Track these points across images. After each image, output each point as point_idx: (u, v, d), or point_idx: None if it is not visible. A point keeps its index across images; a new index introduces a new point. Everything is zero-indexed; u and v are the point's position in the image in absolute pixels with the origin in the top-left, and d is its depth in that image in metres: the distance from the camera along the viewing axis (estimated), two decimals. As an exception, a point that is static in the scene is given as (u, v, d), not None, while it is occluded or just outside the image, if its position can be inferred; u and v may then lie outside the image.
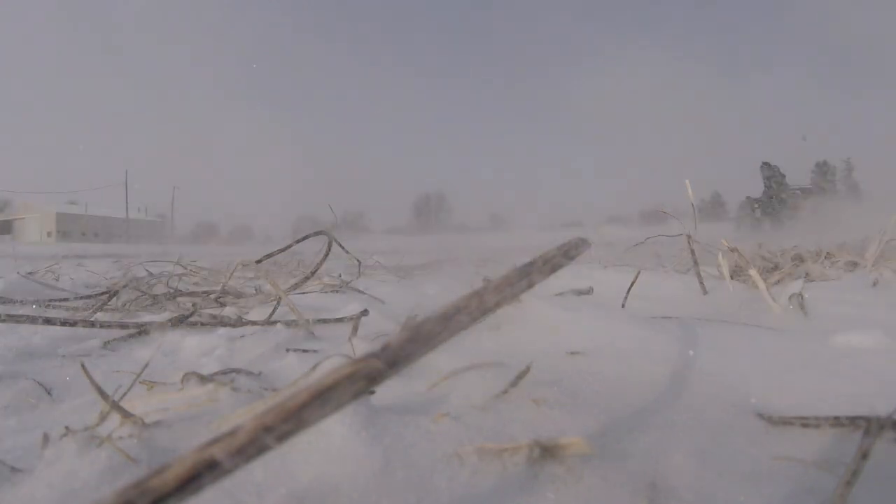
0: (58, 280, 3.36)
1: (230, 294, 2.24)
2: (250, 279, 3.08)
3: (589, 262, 3.25)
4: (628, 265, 2.91)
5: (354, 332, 1.42)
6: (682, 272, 2.48)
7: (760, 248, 2.66)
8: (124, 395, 0.75)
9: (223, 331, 1.51)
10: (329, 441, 0.63)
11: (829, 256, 2.71)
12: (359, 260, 3.46)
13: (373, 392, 0.74)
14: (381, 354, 0.35)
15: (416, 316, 1.26)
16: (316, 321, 1.59)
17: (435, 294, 2.59)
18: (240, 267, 2.97)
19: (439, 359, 1.01)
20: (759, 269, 2.20)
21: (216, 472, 0.30)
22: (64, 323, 1.47)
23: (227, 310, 1.91)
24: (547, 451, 0.58)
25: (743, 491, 0.54)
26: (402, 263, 4.64)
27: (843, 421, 0.65)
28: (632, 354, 1.01)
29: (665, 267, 2.78)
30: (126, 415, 0.70)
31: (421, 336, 0.37)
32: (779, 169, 22.41)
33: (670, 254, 4.04)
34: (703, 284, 2.01)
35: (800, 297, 1.63)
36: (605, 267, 2.80)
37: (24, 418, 0.91)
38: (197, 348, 1.34)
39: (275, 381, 1.03)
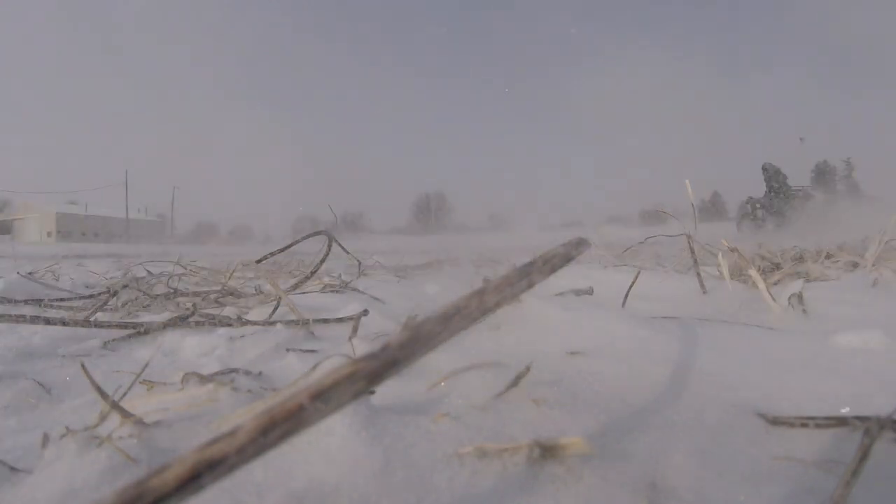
0: (58, 280, 3.36)
1: (230, 294, 2.24)
2: (250, 279, 3.08)
3: (589, 262, 3.25)
4: (628, 265, 2.91)
5: (354, 332, 1.42)
6: (682, 272, 2.48)
7: (760, 248, 2.66)
8: (124, 395, 0.75)
9: (223, 331, 1.51)
10: (329, 441, 0.63)
11: (829, 256, 2.71)
12: (359, 260, 3.46)
13: (373, 392, 0.74)
14: (381, 354, 0.35)
15: (416, 316, 1.26)
16: (316, 321, 1.59)
17: (435, 294, 2.58)
18: (240, 267, 2.97)
19: (439, 359, 1.01)
20: (759, 269, 2.20)
21: (216, 472, 0.30)
22: (64, 323, 1.47)
23: (227, 310, 1.91)
24: (547, 451, 0.58)
25: (743, 491, 0.54)
26: (402, 263, 4.64)
27: (843, 421, 0.65)
28: (632, 354, 1.01)
29: (665, 267, 2.78)
30: (126, 415, 0.70)
31: (421, 336, 0.37)
32: (780, 170, 22.39)
33: (670, 254, 4.04)
34: (703, 284, 2.01)
35: (800, 297, 1.63)
36: (605, 267, 2.80)
37: (24, 418, 0.91)
38: (197, 348, 1.34)
39: (275, 381, 1.03)
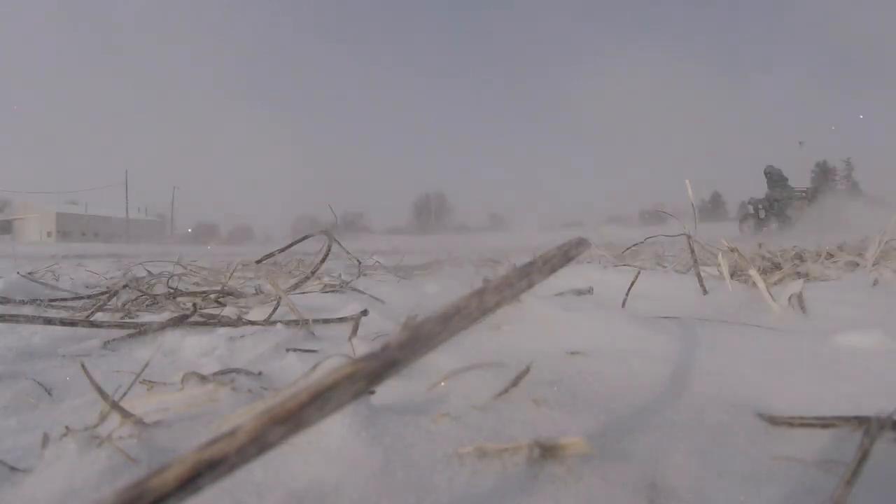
0: (58, 280, 3.36)
1: (230, 294, 2.24)
2: (250, 279, 3.08)
3: (589, 262, 3.25)
4: (628, 265, 2.91)
5: (354, 332, 1.42)
6: (682, 272, 2.48)
7: (760, 248, 2.66)
8: (124, 395, 0.75)
9: (223, 331, 1.51)
10: (329, 441, 0.63)
11: (829, 256, 2.71)
12: (359, 260, 3.46)
13: (373, 392, 0.74)
14: (381, 354, 0.35)
15: (416, 316, 1.26)
16: (316, 321, 1.59)
17: (435, 294, 2.58)
18: (240, 267, 2.97)
19: (439, 359, 1.01)
20: (759, 269, 2.20)
21: (216, 472, 0.30)
22: (64, 323, 1.47)
23: (227, 310, 1.91)
24: (547, 451, 0.58)
25: (743, 491, 0.54)
26: (402, 263, 4.64)
27: (843, 421, 0.65)
28: (632, 354, 1.01)
29: (665, 267, 2.78)
30: (126, 415, 0.70)
31: (421, 336, 0.37)
32: (781, 171, 22.42)
33: (670, 254, 4.04)
34: (703, 284, 2.01)
35: (800, 297, 1.63)
36: (605, 267, 2.80)
37: (24, 418, 0.91)
38: (197, 348, 1.34)
39: (275, 381, 1.03)
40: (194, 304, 1.74)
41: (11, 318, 1.45)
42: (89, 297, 2.29)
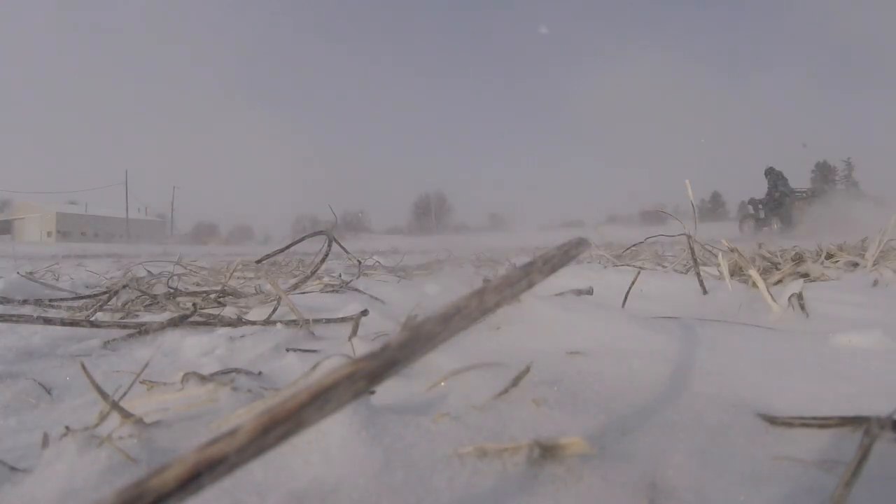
0: (58, 280, 3.36)
1: (230, 294, 2.24)
2: (250, 279, 3.08)
3: (589, 262, 3.25)
4: (628, 265, 2.91)
5: (354, 332, 1.42)
6: (682, 272, 2.48)
7: (760, 248, 2.66)
8: (124, 395, 0.75)
9: (223, 331, 1.51)
10: (329, 441, 0.63)
11: (829, 256, 2.71)
12: (359, 260, 3.46)
13: (373, 392, 0.74)
14: (381, 354, 0.35)
15: (416, 316, 1.26)
16: (316, 321, 1.59)
17: (435, 294, 2.58)
18: (240, 267, 2.97)
19: (439, 359, 1.01)
20: (759, 269, 2.20)
21: (216, 472, 0.30)
22: (64, 323, 1.47)
23: (227, 310, 1.91)
24: (547, 451, 0.58)
25: (743, 491, 0.54)
26: (402, 263, 4.64)
27: (843, 421, 0.65)
28: (632, 354, 1.01)
29: (665, 267, 2.78)
30: (126, 415, 0.69)
31: (421, 336, 0.37)
32: (782, 173, 22.47)
33: (670, 254, 4.04)
34: (703, 284, 2.01)
35: (800, 297, 1.63)
36: (605, 267, 2.80)
37: (24, 418, 0.91)
38: (197, 348, 1.34)
39: (275, 381, 1.03)
40: (194, 304, 1.74)
41: (11, 318, 1.45)
42: (89, 297, 2.29)
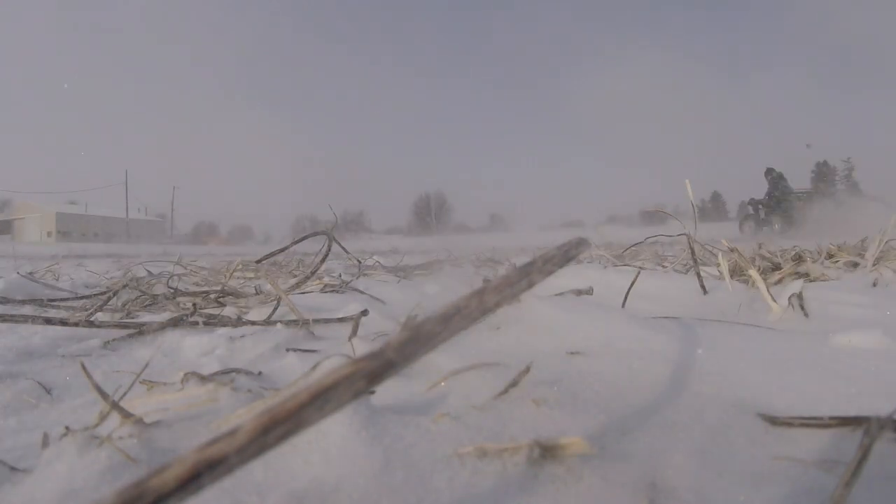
0: (58, 280, 3.36)
1: (230, 294, 2.24)
2: (250, 279, 3.08)
3: (589, 262, 3.25)
4: (628, 265, 2.91)
5: (354, 332, 1.42)
6: (682, 272, 2.47)
7: (760, 248, 2.66)
8: (124, 395, 0.75)
9: (223, 331, 1.51)
10: (329, 441, 0.63)
11: (829, 256, 2.71)
12: (359, 260, 3.46)
13: (373, 392, 0.74)
14: (381, 354, 0.35)
15: (416, 316, 1.26)
16: (316, 321, 1.59)
17: (435, 294, 2.58)
18: (240, 267, 2.97)
19: (439, 359, 1.01)
20: (759, 269, 2.20)
21: (216, 472, 0.30)
22: (64, 323, 1.47)
23: (226, 310, 1.91)
24: (547, 451, 0.58)
25: (743, 491, 0.54)
26: (402, 263, 4.64)
27: (843, 421, 0.65)
28: (632, 354, 1.01)
29: (665, 267, 2.78)
30: (126, 415, 0.69)
31: (421, 336, 0.37)
32: (782, 174, 22.48)
33: (670, 254, 4.04)
34: (703, 284, 2.01)
35: (800, 297, 1.63)
36: (605, 267, 2.80)
37: (24, 418, 0.91)
38: (197, 348, 1.34)
39: (275, 381, 1.03)
40: (194, 304, 1.75)
41: (11, 318, 1.45)
42: (89, 297, 2.29)
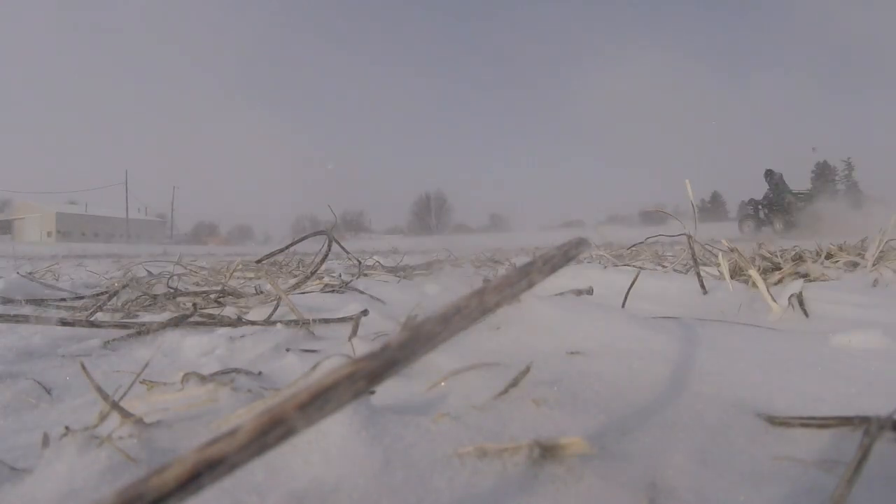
0: (58, 280, 3.36)
1: (230, 294, 2.24)
2: (250, 279, 3.08)
3: (589, 262, 3.25)
4: (628, 265, 2.91)
5: (354, 332, 1.42)
6: (682, 272, 2.48)
7: (760, 248, 2.66)
8: (124, 395, 0.75)
9: (223, 331, 1.51)
10: (329, 441, 0.63)
11: (829, 256, 2.71)
12: (359, 260, 3.46)
13: (373, 392, 0.74)
14: (381, 354, 0.35)
15: (416, 316, 1.26)
16: (316, 321, 1.59)
17: (435, 294, 2.58)
18: (240, 267, 2.97)
19: (439, 359, 1.01)
20: (759, 269, 2.20)
21: (216, 472, 0.30)
22: (64, 323, 1.47)
23: (227, 310, 1.91)
24: (547, 451, 0.58)
25: (743, 491, 0.54)
26: (402, 263, 4.64)
27: (843, 421, 0.65)
28: (632, 354, 1.01)
29: (665, 267, 2.78)
30: (126, 415, 0.69)
31: (421, 336, 0.37)
32: (781, 175, 22.52)
33: (670, 254, 4.04)
34: (703, 284, 2.01)
35: (800, 297, 1.63)
36: (605, 267, 2.80)
37: (24, 418, 0.91)
38: (197, 348, 1.34)
39: (275, 381, 1.03)
40: (194, 304, 1.74)
41: (11, 318, 1.45)
42: (89, 297, 2.29)
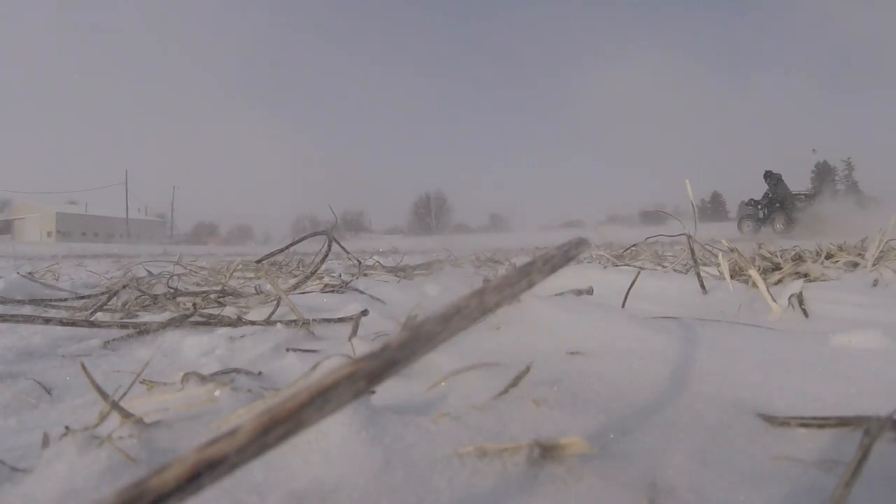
0: (58, 280, 3.36)
1: (230, 294, 2.24)
2: (250, 279, 3.08)
3: (589, 262, 3.25)
4: (628, 265, 2.91)
5: (354, 332, 1.42)
6: (682, 272, 2.47)
7: (760, 248, 2.66)
8: (124, 395, 0.75)
9: (223, 331, 1.51)
10: (329, 441, 0.63)
11: (829, 256, 2.71)
12: (359, 260, 3.46)
13: (373, 392, 0.74)
14: (381, 354, 0.35)
15: (416, 316, 1.26)
16: (316, 321, 1.59)
17: (435, 294, 2.58)
18: (240, 267, 2.97)
19: (439, 359, 1.01)
20: (759, 269, 2.20)
21: (216, 472, 0.30)
22: (64, 323, 1.47)
23: (227, 310, 1.91)
24: (547, 451, 0.58)
25: (743, 491, 0.54)
26: (402, 263, 4.64)
27: (843, 421, 0.65)
28: (632, 354, 1.01)
29: (665, 267, 2.78)
30: (126, 415, 0.69)
31: (421, 336, 0.37)
32: (781, 176, 22.56)
33: (670, 254, 4.04)
34: (703, 284, 2.01)
35: (800, 297, 1.63)
36: (605, 267, 2.80)
37: (24, 418, 0.91)
38: (197, 348, 1.34)
39: (275, 381, 1.03)
40: (194, 304, 1.74)
41: (11, 318, 1.45)
42: (89, 297, 2.29)
